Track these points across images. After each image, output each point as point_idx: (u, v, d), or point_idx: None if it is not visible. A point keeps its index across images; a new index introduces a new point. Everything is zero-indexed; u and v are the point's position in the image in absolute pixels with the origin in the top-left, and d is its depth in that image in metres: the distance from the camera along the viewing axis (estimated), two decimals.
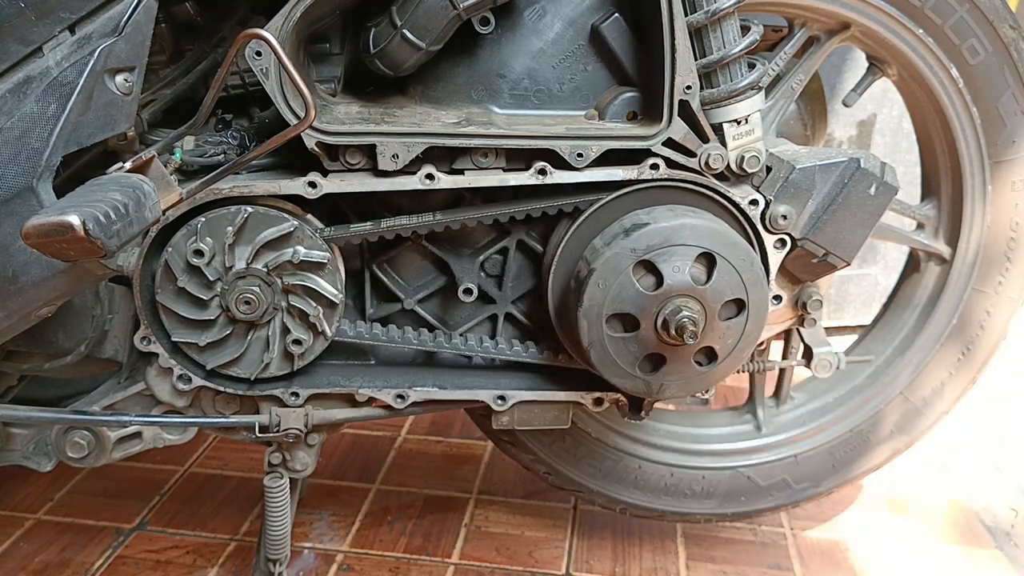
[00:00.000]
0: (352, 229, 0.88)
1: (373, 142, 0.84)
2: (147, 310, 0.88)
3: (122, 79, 0.75)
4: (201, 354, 0.90)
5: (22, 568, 1.18)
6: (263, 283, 0.86)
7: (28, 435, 0.97)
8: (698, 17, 0.84)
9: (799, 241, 0.91)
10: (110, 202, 0.65)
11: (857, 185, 0.89)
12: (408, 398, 0.95)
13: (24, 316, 0.78)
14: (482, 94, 0.91)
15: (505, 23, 0.89)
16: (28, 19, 0.71)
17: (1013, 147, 1.04)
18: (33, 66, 0.73)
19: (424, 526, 1.28)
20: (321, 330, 0.89)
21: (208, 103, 0.75)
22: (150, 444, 0.96)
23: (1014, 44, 0.99)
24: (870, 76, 1.07)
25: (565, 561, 1.21)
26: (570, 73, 0.90)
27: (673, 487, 1.16)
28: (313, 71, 0.90)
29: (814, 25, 1.00)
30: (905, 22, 0.98)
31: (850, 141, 1.74)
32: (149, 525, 1.28)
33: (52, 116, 0.73)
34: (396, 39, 0.83)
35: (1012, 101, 1.02)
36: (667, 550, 1.24)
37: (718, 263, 0.86)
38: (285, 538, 1.01)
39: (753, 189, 0.90)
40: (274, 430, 0.94)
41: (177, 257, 0.85)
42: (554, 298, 0.93)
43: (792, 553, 1.24)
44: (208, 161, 0.87)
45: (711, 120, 0.87)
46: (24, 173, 0.73)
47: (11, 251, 0.74)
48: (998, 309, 1.13)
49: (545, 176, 0.87)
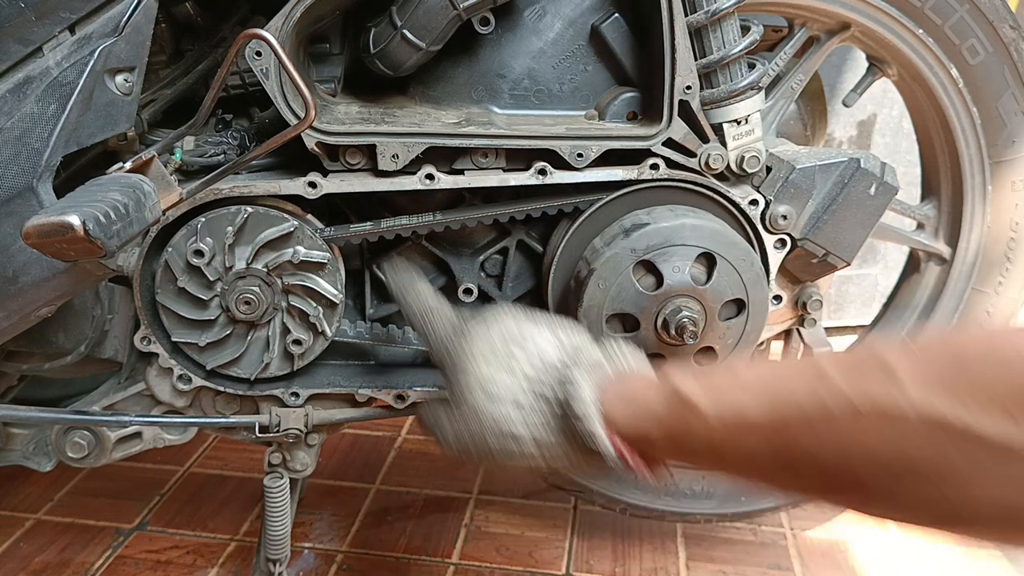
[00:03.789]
0: (352, 229, 0.88)
1: (373, 142, 0.84)
2: (147, 310, 0.88)
3: (122, 79, 0.75)
4: (201, 354, 0.90)
5: (22, 568, 1.18)
6: (263, 283, 0.86)
7: (28, 435, 0.97)
8: (698, 17, 0.84)
9: (799, 241, 0.91)
10: (110, 202, 0.65)
11: (857, 185, 0.89)
12: (408, 398, 0.95)
13: (24, 316, 0.78)
14: (482, 94, 0.91)
15: (505, 23, 0.89)
16: (28, 19, 0.71)
17: (1013, 147, 1.04)
18: (33, 66, 0.73)
19: (424, 526, 1.28)
20: (321, 330, 0.89)
21: (208, 103, 0.75)
22: (150, 444, 0.96)
23: (1014, 44, 0.99)
24: (870, 76, 1.07)
25: (565, 561, 1.21)
26: (570, 73, 0.90)
27: (673, 487, 1.16)
28: (313, 71, 0.90)
29: (814, 25, 1.00)
30: (905, 22, 0.98)
31: (850, 141, 1.74)
32: (149, 525, 1.28)
33: (52, 116, 0.73)
34: (396, 39, 0.83)
35: (1012, 101, 1.02)
36: (667, 550, 1.24)
37: (718, 263, 0.86)
38: (285, 538, 1.01)
39: (753, 189, 0.90)
40: (274, 430, 0.94)
41: (177, 257, 0.85)
42: (554, 298, 0.93)
43: (792, 553, 1.24)
44: (208, 161, 0.87)
45: (711, 120, 0.87)
46: (24, 173, 0.73)
47: (11, 251, 0.74)
48: (998, 309, 1.13)
49: (545, 176, 0.87)
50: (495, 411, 0.68)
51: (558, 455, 0.68)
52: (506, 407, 0.68)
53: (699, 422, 0.58)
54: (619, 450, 0.64)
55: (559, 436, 0.67)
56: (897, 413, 0.46)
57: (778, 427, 0.53)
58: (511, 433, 0.68)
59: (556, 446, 0.67)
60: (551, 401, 0.67)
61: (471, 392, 0.70)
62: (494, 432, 0.68)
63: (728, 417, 0.56)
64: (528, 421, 0.68)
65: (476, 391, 0.69)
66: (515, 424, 0.68)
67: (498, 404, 0.68)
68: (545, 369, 0.69)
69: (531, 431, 0.67)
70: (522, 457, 0.68)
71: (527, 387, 0.68)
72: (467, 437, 0.70)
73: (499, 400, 0.69)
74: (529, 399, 0.68)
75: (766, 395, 0.55)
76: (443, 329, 0.77)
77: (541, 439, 0.67)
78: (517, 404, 0.68)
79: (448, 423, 0.72)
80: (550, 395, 0.68)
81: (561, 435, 0.67)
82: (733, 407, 0.56)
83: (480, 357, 0.71)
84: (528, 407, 0.68)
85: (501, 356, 0.70)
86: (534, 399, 0.68)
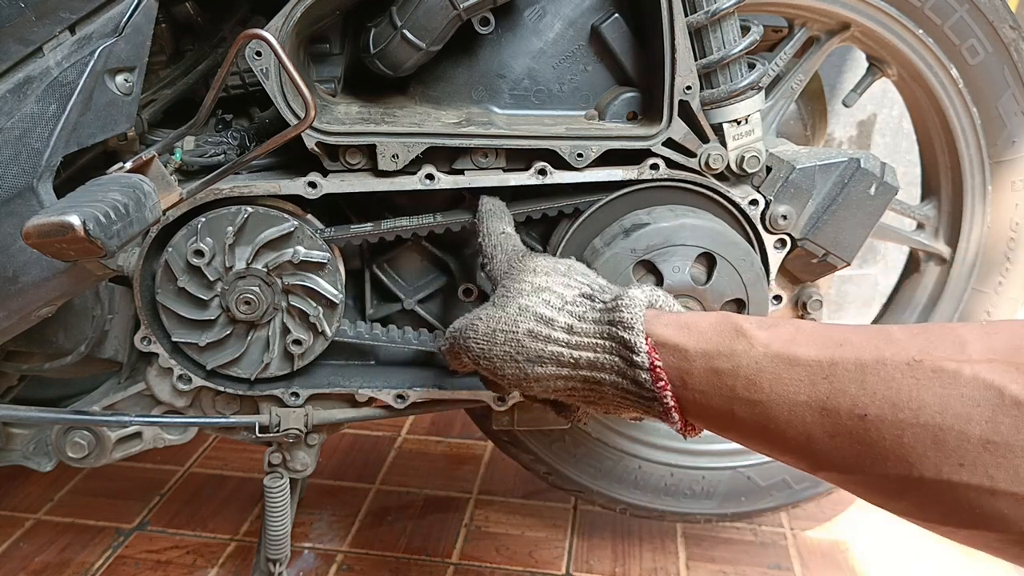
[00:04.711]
0: (352, 229, 0.88)
1: (373, 142, 0.84)
2: (147, 310, 0.88)
3: (122, 79, 0.75)
4: (201, 354, 0.90)
5: (22, 568, 1.18)
6: (263, 283, 0.86)
7: (28, 435, 0.97)
8: (698, 17, 0.84)
9: (799, 241, 0.91)
10: (110, 202, 0.65)
11: (857, 185, 0.89)
12: (408, 398, 0.95)
13: (24, 316, 0.78)
14: (482, 94, 0.91)
15: (505, 23, 0.89)
16: (28, 19, 0.71)
17: (1013, 147, 1.04)
18: (33, 66, 0.73)
19: (424, 526, 1.28)
20: (321, 330, 0.89)
21: (208, 103, 0.75)
22: (150, 444, 0.96)
23: (1014, 44, 0.99)
24: (870, 76, 1.07)
25: (565, 561, 1.21)
26: (570, 73, 0.90)
27: (673, 487, 1.16)
28: (313, 71, 0.90)
29: (814, 25, 1.00)
30: (905, 22, 0.98)
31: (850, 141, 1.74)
32: (149, 525, 1.28)
33: (52, 116, 0.73)
34: (396, 39, 0.83)
35: (1012, 101, 1.02)
36: (667, 550, 1.24)
37: (718, 263, 0.86)
38: (285, 538, 1.01)
39: (753, 189, 0.90)
40: (274, 430, 0.94)
41: (177, 257, 0.85)
42: None
43: (792, 553, 1.24)
44: (208, 161, 0.87)
45: (711, 120, 0.87)
46: (24, 173, 0.73)
47: (11, 251, 0.74)
48: (998, 309, 1.13)
49: (545, 176, 0.87)
50: (538, 296, 0.67)
51: (587, 360, 0.63)
52: (551, 296, 0.67)
53: (743, 346, 0.55)
54: (653, 364, 0.59)
55: (594, 334, 0.63)
56: (953, 368, 0.46)
57: (826, 367, 0.51)
58: (545, 316, 0.66)
59: (588, 345, 0.63)
60: (597, 307, 0.65)
61: (521, 292, 0.69)
62: (530, 317, 0.66)
63: (776, 346, 0.54)
64: (568, 309, 0.66)
65: (527, 291, 0.69)
66: (553, 307, 0.66)
67: (544, 292, 0.68)
68: (602, 289, 0.69)
69: (567, 317, 0.65)
70: (550, 358, 0.65)
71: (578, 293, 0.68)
72: (500, 333, 0.67)
73: (547, 290, 0.68)
74: (575, 295, 0.67)
75: (822, 337, 0.53)
76: (512, 249, 0.78)
77: (575, 327, 0.64)
78: (562, 296, 0.67)
79: (483, 322, 0.70)
80: (598, 303, 0.66)
81: (596, 334, 0.63)
82: (783, 339, 0.54)
83: (541, 271, 0.71)
84: (572, 300, 0.67)
85: (562, 273, 0.71)
86: (581, 296, 0.67)
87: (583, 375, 0.64)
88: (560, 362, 0.65)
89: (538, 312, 0.66)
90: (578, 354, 0.64)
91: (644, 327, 0.60)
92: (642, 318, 0.61)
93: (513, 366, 0.67)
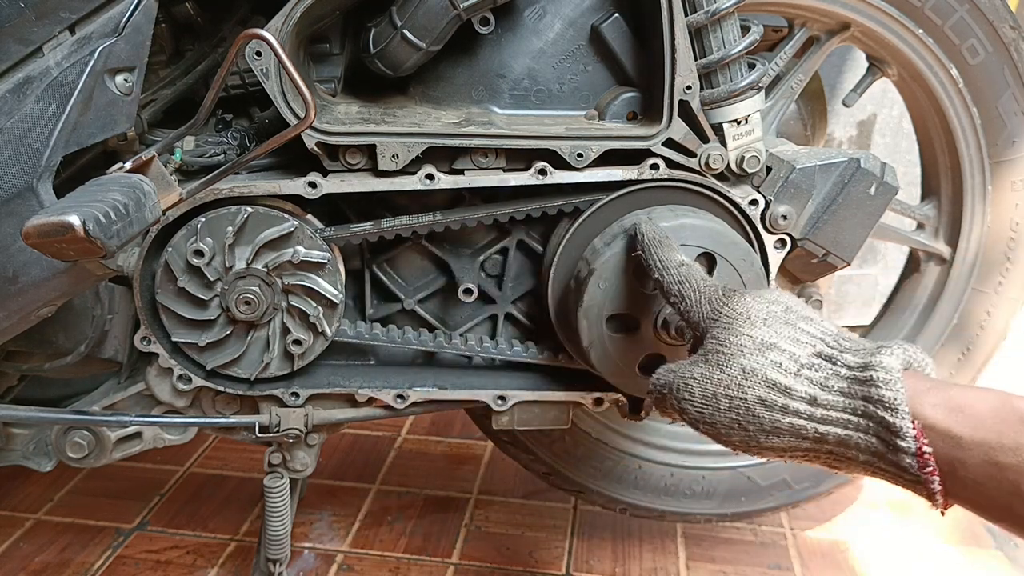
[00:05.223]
0: (352, 229, 0.88)
1: (373, 142, 0.84)
2: (147, 310, 0.88)
3: (122, 79, 0.75)
4: (201, 354, 0.90)
5: (22, 568, 1.18)
6: (263, 283, 0.86)
7: (28, 435, 0.97)
8: (698, 17, 0.84)
9: (799, 241, 0.91)
10: (110, 202, 0.65)
11: (857, 185, 0.89)
12: (408, 398, 0.95)
13: (24, 316, 0.78)
14: (482, 94, 0.91)
15: (505, 23, 0.89)
16: (28, 19, 0.71)
17: (1013, 147, 1.04)
18: (33, 66, 0.73)
19: (424, 526, 1.28)
20: (321, 330, 0.89)
21: (208, 103, 0.75)
22: (150, 444, 0.96)
23: (1014, 44, 0.99)
24: (870, 76, 1.07)
25: (565, 561, 1.21)
26: (570, 73, 0.90)
27: (673, 487, 1.16)
28: (313, 71, 0.90)
29: (814, 25, 1.00)
30: (905, 22, 0.98)
31: (850, 141, 1.74)
32: (149, 525, 1.28)
33: (52, 116, 0.73)
34: (396, 39, 0.83)
35: (1012, 101, 1.02)
36: (667, 550, 1.24)
37: (718, 263, 0.86)
38: (285, 538, 1.01)
39: (753, 189, 0.90)
40: (274, 430, 0.94)
41: (177, 257, 0.85)
42: (554, 298, 0.93)
43: (792, 553, 1.24)
44: (208, 161, 0.87)
45: (711, 120, 0.87)
46: (24, 173, 0.73)
47: (11, 251, 0.74)
48: (998, 309, 1.13)
49: (545, 176, 0.87)
50: (764, 356, 0.60)
51: (836, 437, 0.57)
52: (780, 356, 0.60)
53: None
54: (921, 451, 0.53)
55: (844, 408, 0.57)
56: None
57: None
58: (780, 384, 0.59)
59: (837, 421, 0.57)
60: (842, 374, 0.58)
61: (742, 350, 0.62)
62: (760, 382, 0.60)
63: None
64: (807, 375, 0.59)
65: (749, 348, 0.62)
66: (787, 371, 0.59)
67: (771, 352, 0.61)
68: (840, 347, 0.60)
69: (806, 386, 0.58)
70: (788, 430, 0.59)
71: (812, 352, 0.60)
72: (723, 398, 0.62)
73: (774, 348, 0.61)
74: (810, 355, 0.60)
75: None
76: (704, 287, 0.71)
77: (819, 398, 0.58)
78: (794, 357, 0.60)
79: (700, 383, 0.63)
80: (842, 368, 0.58)
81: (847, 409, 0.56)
82: None
83: (757, 319, 0.63)
84: (808, 363, 0.59)
85: (783, 321, 0.63)
86: (818, 358, 0.60)
87: (829, 449, 0.59)
88: (801, 436, 0.59)
89: (770, 378, 0.60)
90: (824, 429, 0.58)
91: (909, 407, 0.54)
92: (905, 397, 0.54)
93: (742, 434, 0.62)
